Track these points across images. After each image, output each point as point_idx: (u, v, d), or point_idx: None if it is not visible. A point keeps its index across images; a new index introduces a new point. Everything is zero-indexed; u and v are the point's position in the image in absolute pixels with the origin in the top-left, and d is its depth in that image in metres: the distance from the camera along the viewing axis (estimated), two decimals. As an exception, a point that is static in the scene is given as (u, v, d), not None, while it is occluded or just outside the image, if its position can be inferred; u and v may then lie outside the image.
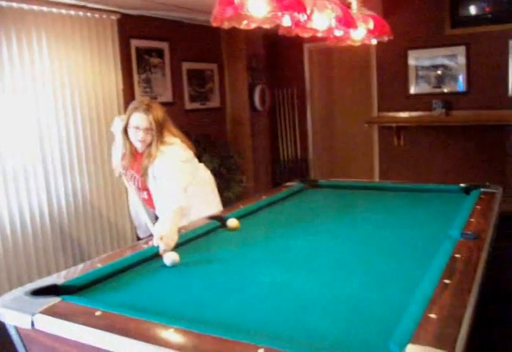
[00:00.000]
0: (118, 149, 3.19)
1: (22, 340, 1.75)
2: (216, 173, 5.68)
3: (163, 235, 2.44)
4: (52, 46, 4.38)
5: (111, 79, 4.92)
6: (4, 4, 3.98)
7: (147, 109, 2.88)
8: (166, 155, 2.90)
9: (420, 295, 1.72)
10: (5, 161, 4.08)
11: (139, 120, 2.88)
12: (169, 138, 2.98)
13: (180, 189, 2.83)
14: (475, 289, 1.76)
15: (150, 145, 2.94)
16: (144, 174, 3.02)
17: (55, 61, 4.41)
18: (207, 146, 5.67)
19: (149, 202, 3.19)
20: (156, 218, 3.20)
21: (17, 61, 4.12)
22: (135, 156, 3.06)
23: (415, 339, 1.39)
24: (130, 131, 2.93)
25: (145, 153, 2.96)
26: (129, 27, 5.16)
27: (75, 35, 4.55)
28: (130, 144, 3.01)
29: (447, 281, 1.81)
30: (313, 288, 1.97)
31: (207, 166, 3.53)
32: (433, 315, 1.53)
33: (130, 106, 2.97)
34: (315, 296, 1.89)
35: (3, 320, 1.75)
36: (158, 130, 2.90)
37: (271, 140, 7.66)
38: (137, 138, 2.91)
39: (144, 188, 3.13)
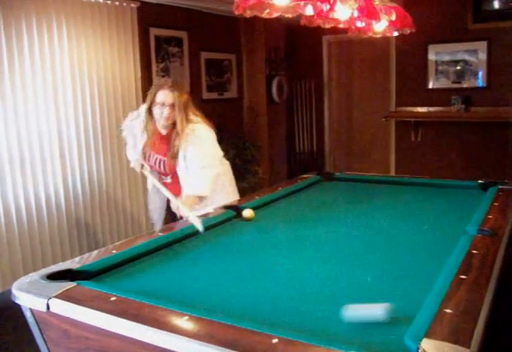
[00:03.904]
0: (137, 138, 3.27)
1: (37, 323, 1.77)
2: (232, 164, 5.68)
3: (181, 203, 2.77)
4: (72, 33, 4.39)
5: (130, 67, 4.93)
6: (25, -11, 4.00)
7: (172, 87, 3.01)
8: (196, 134, 3.04)
9: (436, 289, 1.70)
10: (23, 148, 4.11)
11: (165, 97, 2.99)
12: (193, 117, 3.10)
13: (208, 178, 3.03)
14: (492, 285, 1.74)
15: (174, 125, 3.05)
16: (173, 155, 3.10)
17: (74, 47, 4.42)
18: (223, 136, 5.66)
19: (171, 187, 3.21)
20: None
21: (36, 46, 4.14)
22: (160, 138, 3.15)
23: (431, 334, 1.38)
24: (156, 108, 3.03)
25: (173, 134, 3.07)
26: (148, 15, 5.16)
27: (94, 22, 4.57)
28: (154, 125, 3.12)
29: (463, 276, 1.79)
30: (328, 279, 1.96)
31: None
32: (448, 310, 1.52)
33: (155, 85, 3.10)
34: (329, 287, 1.88)
35: (19, 303, 1.77)
36: (183, 107, 3.02)
37: (287, 132, 7.64)
38: (162, 115, 3.01)
39: (170, 170, 3.18)
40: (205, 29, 5.94)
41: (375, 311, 1.54)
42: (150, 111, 3.08)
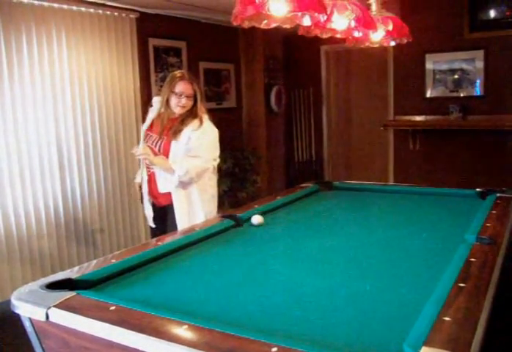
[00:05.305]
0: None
1: (36, 332, 1.76)
2: (231, 173, 5.70)
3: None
4: (71, 43, 4.42)
5: (129, 77, 4.95)
6: (25, 0, 4.02)
7: (191, 78, 3.26)
8: (204, 127, 3.24)
9: (435, 298, 1.71)
10: (22, 160, 4.13)
11: (184, 88, 3.21)
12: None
13: (194, 165, 3.16)
14: (490, 293, 1.75)
15: (188, 111, 3.24)
16: (176, 131, 3.22)
17: (74, 58, 4.45)
18: (222, 146, 5.67)
19: (153, 179, 3.34)
20: (153, 206, 3.42)
21: (36, 57, 4.16)
22: (168, 122, 3.29)
23: (429, 342, 1.38)
24: (173, 98, 3.21)
25: (183, 116, 3.24)
26: (147, 26, 5.20)
27: (94, 33, 4.59)
28: (167, 111, 3.27)
29: (461, 284, 1.80)
30: (327, 288, 1.97)
31: (221, 166, 3.55)
32: (447, 318, 1.52)
33: (174, 76, 3.26)
34: (329, 296, 1.88)
35: (18, 312, 1.77)
36: (201, 96, 3.27)
37: (286, 141, 7.66)
38: (179, 104, 3.20)
39: (164, 151, 3.25)
40: (203, 39, 5.97)
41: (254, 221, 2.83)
42: (166, 99, 3.24)
